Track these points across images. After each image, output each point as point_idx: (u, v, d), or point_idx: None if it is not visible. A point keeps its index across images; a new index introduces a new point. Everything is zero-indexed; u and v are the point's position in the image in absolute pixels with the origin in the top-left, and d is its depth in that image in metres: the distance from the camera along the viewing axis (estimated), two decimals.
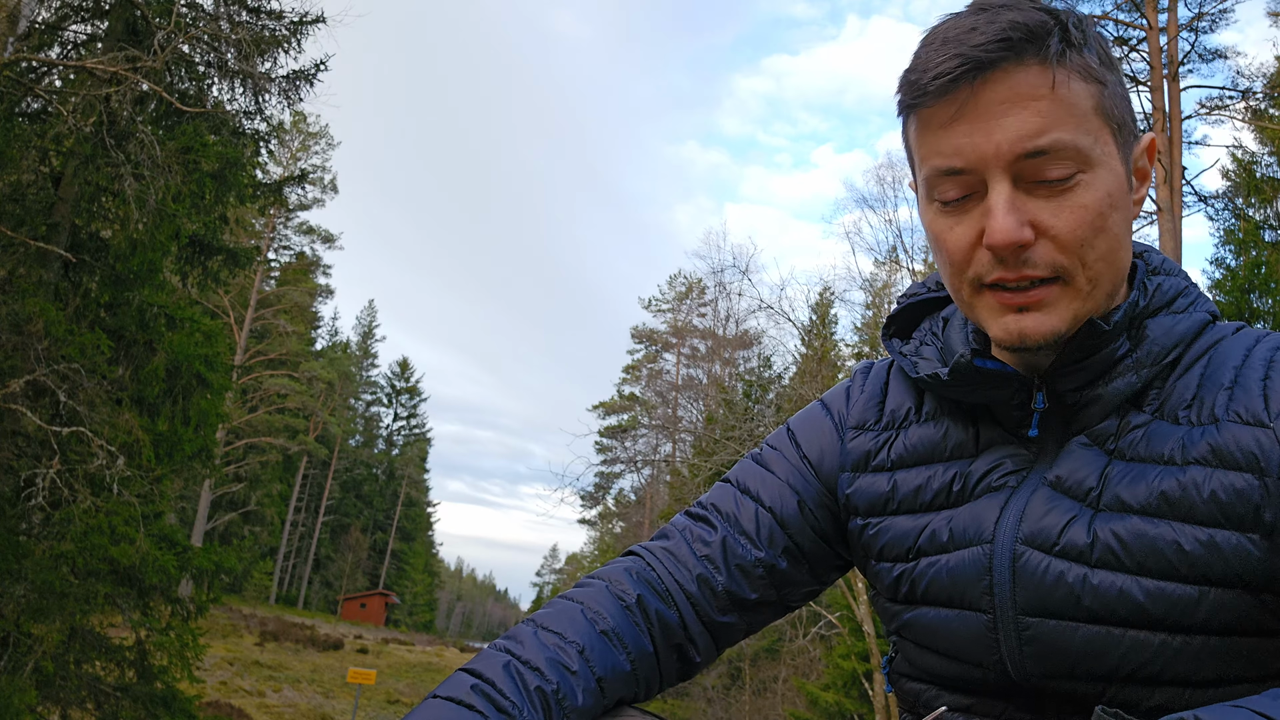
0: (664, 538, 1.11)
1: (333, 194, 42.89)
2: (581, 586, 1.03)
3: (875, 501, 1.03)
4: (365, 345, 64.12)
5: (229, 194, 10.91)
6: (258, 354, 40.21)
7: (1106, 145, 0.85)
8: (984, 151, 0.83)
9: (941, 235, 0.89)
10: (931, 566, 0.97)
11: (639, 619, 0.99)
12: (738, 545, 1.06)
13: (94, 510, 9.12)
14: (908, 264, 18.85)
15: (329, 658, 30.59)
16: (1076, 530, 0.88)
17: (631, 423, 42.41)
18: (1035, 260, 0.84)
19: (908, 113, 0.89)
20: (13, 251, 9.33)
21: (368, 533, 62.90)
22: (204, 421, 11.37)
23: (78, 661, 9.98)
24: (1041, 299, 0.85)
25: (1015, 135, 0.82)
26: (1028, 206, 0.83)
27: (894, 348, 1.09)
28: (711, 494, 1.14)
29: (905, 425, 1.05)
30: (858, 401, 1.10)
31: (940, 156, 0.86)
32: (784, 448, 1.13)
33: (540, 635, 0.93)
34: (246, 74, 11.38)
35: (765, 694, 20.20)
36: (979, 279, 0.87)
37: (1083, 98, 0.83)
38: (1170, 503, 0.85)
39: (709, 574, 1.05)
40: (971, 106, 0.83)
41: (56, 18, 10.99)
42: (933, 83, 0.83)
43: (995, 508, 0.93)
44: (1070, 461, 0.91)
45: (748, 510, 1.08)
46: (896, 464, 1.03)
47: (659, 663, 1.00)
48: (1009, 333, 0.86)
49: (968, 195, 0.86)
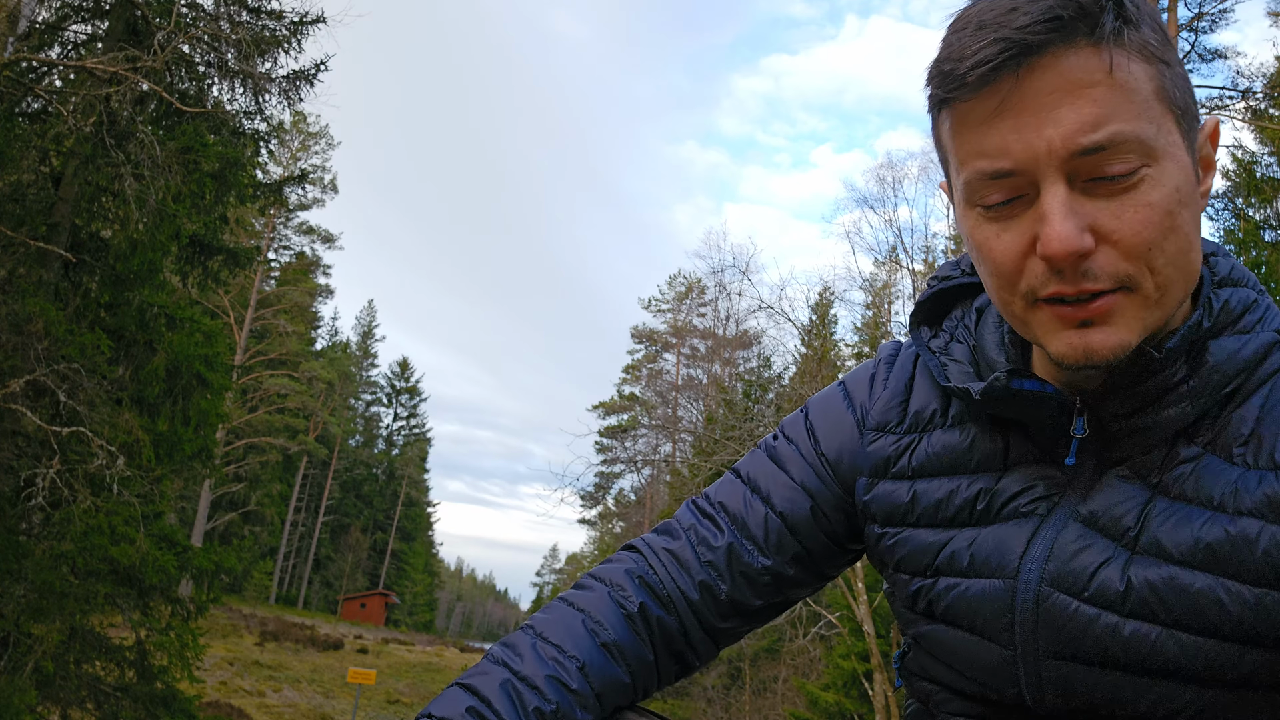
0: (668, 534, 1.06)
1: (333, 194, 42.91)
2: (582, 589, 1.00)
3: (894, 512, 0.96)
4: (365, 345, 64.13)
5: (229, 194, 10.90)
6: (258, 354, 40.21)
7: (1171, 134, 0.75)
8: (1034, 150, 0.73)
9: (986, 244, 0.79)
10: (950, 589, 0.91)
11: (640, 628, 0.97)
12: (744, 552, 1.01)
13: (94, 510, 9.12)
14: (907, 264, 18.85)
15: (329, 658, 30.59)
16: (1110, 574, 0.81)
17: (631, 423, 42.40)
18: (1096, 271, 0.74)
19: (941, 107, 0.79)
20: (13, 251, 9.33)
21: (368, 533, 62.88)
22: (204, 421, 11.37)
23: (78, 661, 9.97)
24: (1106, 310, 0.75)
25: (1069, 129, 0.72)
26: (1086, 209, 0.74)
27: (921, 339, 1.00)
28: (720, 488, 1.08)
29: (929, 429, 0.97)
30: (881, 397, 1.02)
31: (983, 157, 0.76)
32: (800, 441, 1.05)
33: (540, 648, 0.90)
34: (247, 74, 11.37)
35: (765, 694, 20.21)
36: (1033, 293, 0.77)
37: (1143, 81, 0.74)
38: (1216, 556, 0.77)
39: (712, 581, 1.01)
40: (1017, 98, 0.73)
41: (57, 18, 10.99)
42: (971, 73, 0.73)
43: (1021, 537, 0.86)
44: (1107, 495, 0.83)
45: (756, 514, 1.02)
46: (918, 472, 0.96)
47: (658, 670, 0.98)
48: (1074, 349, 0.77)
49: (1015, 198, 0.76)
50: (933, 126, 0.83)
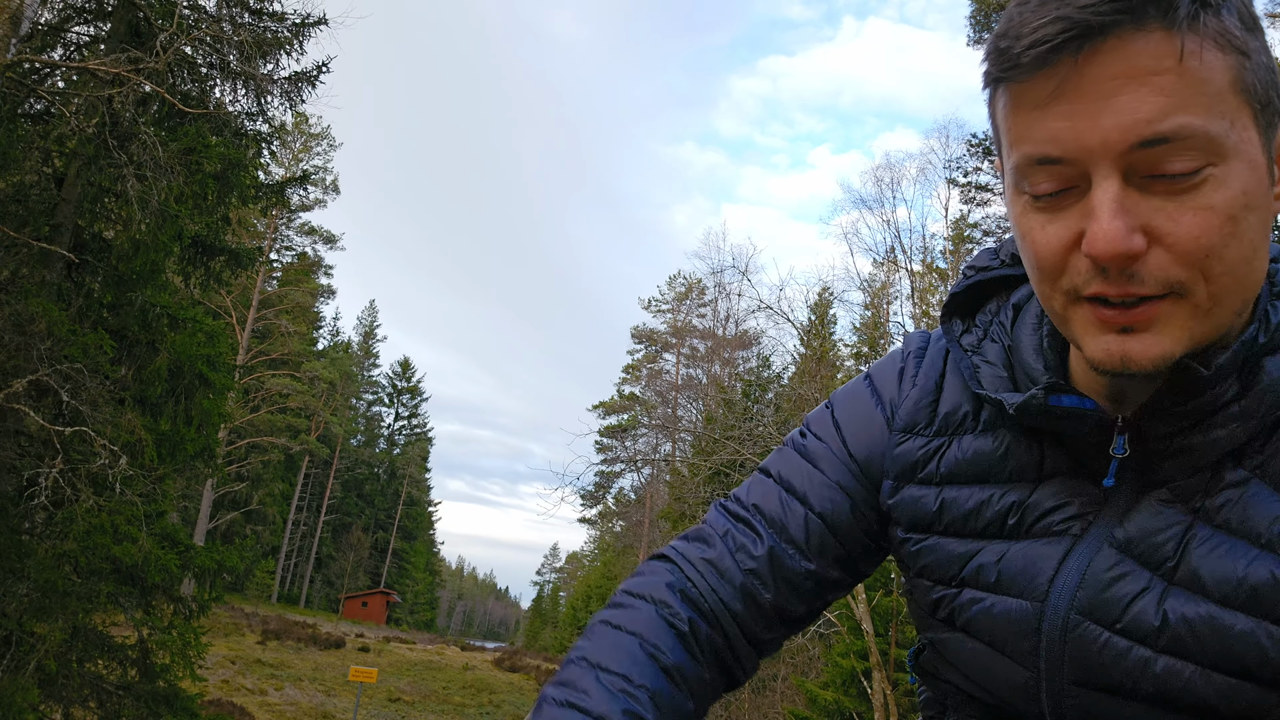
0: (702, 542, 0.99)
1: (334, 195, 43.00)
2: (625, 608, 0.93)
3: (919, 519, 0.92)
4: (366, 345, 64.17)
5: (231, 195, 10.94)
6: (260, 354, 40.26)
7: (1245, 130, 0.68)
8: (1088, 140, 0.67)
9: (1030, 234, 0.73)
10: (975, 603, 0.87)
11: (694, 648, 0.91)
12: (786, 557, 0.95)
13: (96, 509, 9.16)
14: (906, 264, 18.89)
15: (331, 656, 30.63)
16: (1145, 606, 0.76)
17: (631, 422, 42.44)
18: (1145, 275, 0.68)
19: (995, 85, 0.74)
20: (16, 252, 9.38)
21: (369, 532, 62.94)
22: (206, 421, 11.41)
23: (80, 660, 10.01)
24: (1151, 317, 0.69)
25: (1129, 120, 0.66)
26: (1140, 207, 0.67)
27: (953, 333, 0.94)
28: (751, 490, 1.01)
29: (959, 433, 0.91)
30: (910, 396, 0.96)
31: (1033, 142, 0.70)
32: (829, 438, 1.00)
33: (604, 679, 0.82)
34: (249, 75, 11.42)
35: (764, 692, 20.23)
36: (1075, 290, 0.72)
37: (1217, 72, 0.66)
38: (1260, 599, 0.72)
39: (755, 590, 0.95)
40: (1075, 82, 0.67)
41: (59, 19, 11.03)
42: (1028, 52, 0.68)
43: (1053, 558, 0.82)
44: (1145, 519, 0.78)
45: (796, 516, 0.96)
46: (946, 479, 0.90)
47: (710, 689, 0.93)
48: (1109, 355, 0.71)
49: (1066, 189, 0.70)
50: (988, 103, 0.77)
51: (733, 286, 17.45)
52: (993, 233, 19.39)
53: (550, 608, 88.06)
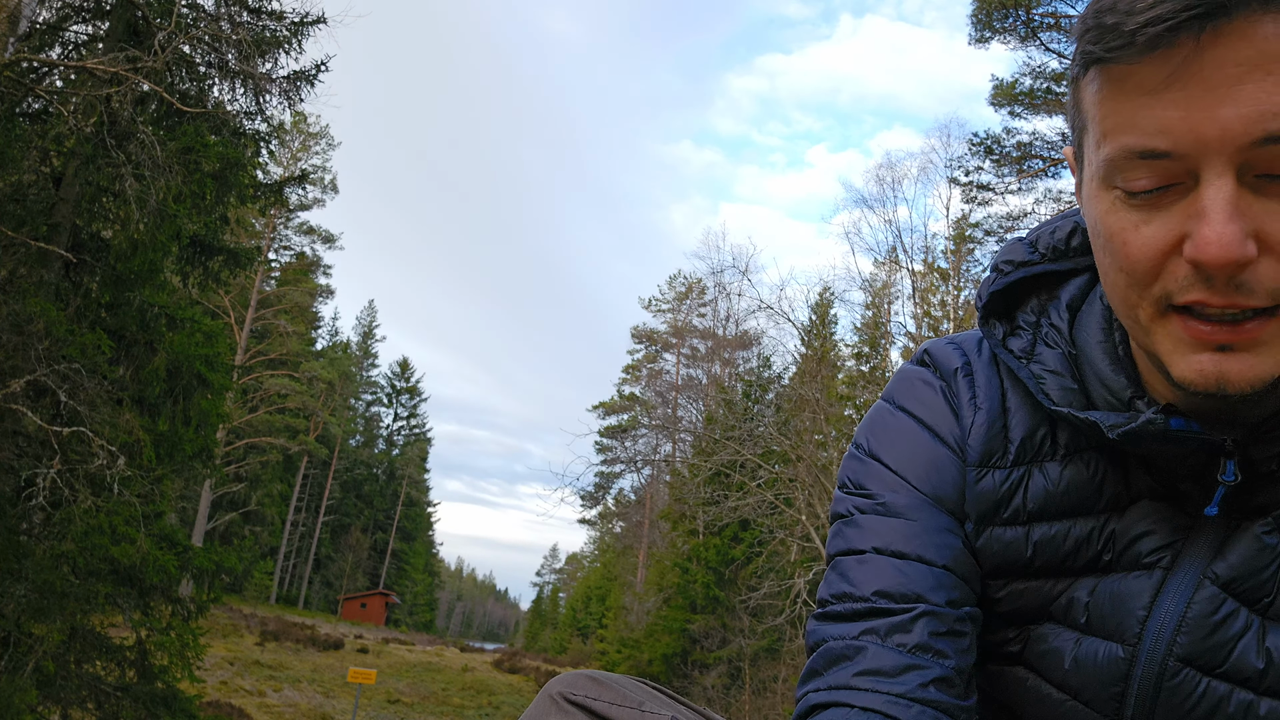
0: (844, 662, 0.77)
1: (333, 194, 42.96)
2: None
3: (1009, 563, 0.81)
4: (365, 345, 64.16)
5: (229, 194, 10.92)
6: (258, 354, 40.24)
7: None
8: (1203, 133, 0.60)
9: (1120, 235, 0.65)
10: (1055, 638, 0.80)
11: None
12: (938, 624, 0.78)
13: (95, 510, 9.13)
14: (907, 264, 18.88)
15: (329, 657, 30.60)
16: (1247, 646, 0.71)
17: (631, 423, 42.43)
18: (1253, 285, 0.61)
19: (1091, 65, 0.65)
20: (14, 252, 9.34)
21: (368, 533, 62.92)
22: (204, 421, 11.39)
23: (78, 661, 9.98)
24: (1255, 336, 0.63)
25: (1253, 112, 0.59)
26: (1254, 210, 0.61)
27: (995, 337, 0.83)
28: (855, 578, 0.81)
29: (1039, 460, 0.80)
30: (978, 423, 0.83)
31: (1137, 133, 0.62)
32: (901, 490, 0.84)
33: None
34: (247, 74, 11.39)
35: (765, 694, 20.22)
36: (1168, 298, 0.65)
37: None
38: None
39: (934, 669, 0.77)
40: (1194, 68, 0.59)
41: (57, 18, 11.01)
42: (1144, 30, 0.59)
43: (1142, 596, 0.75)
44: (1246, 553, 0.72)
45: (922, 578, 0.79)
46: (1035, 516, 0.80)
47: None
48: (1204, 376, 0.64)
49: (1167, 186, 0.63)
50: (1072, 83, 0.69)
51: (733, 286, 17.45)
52: (994, 232, 19.40)
53: (550, 609, 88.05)
